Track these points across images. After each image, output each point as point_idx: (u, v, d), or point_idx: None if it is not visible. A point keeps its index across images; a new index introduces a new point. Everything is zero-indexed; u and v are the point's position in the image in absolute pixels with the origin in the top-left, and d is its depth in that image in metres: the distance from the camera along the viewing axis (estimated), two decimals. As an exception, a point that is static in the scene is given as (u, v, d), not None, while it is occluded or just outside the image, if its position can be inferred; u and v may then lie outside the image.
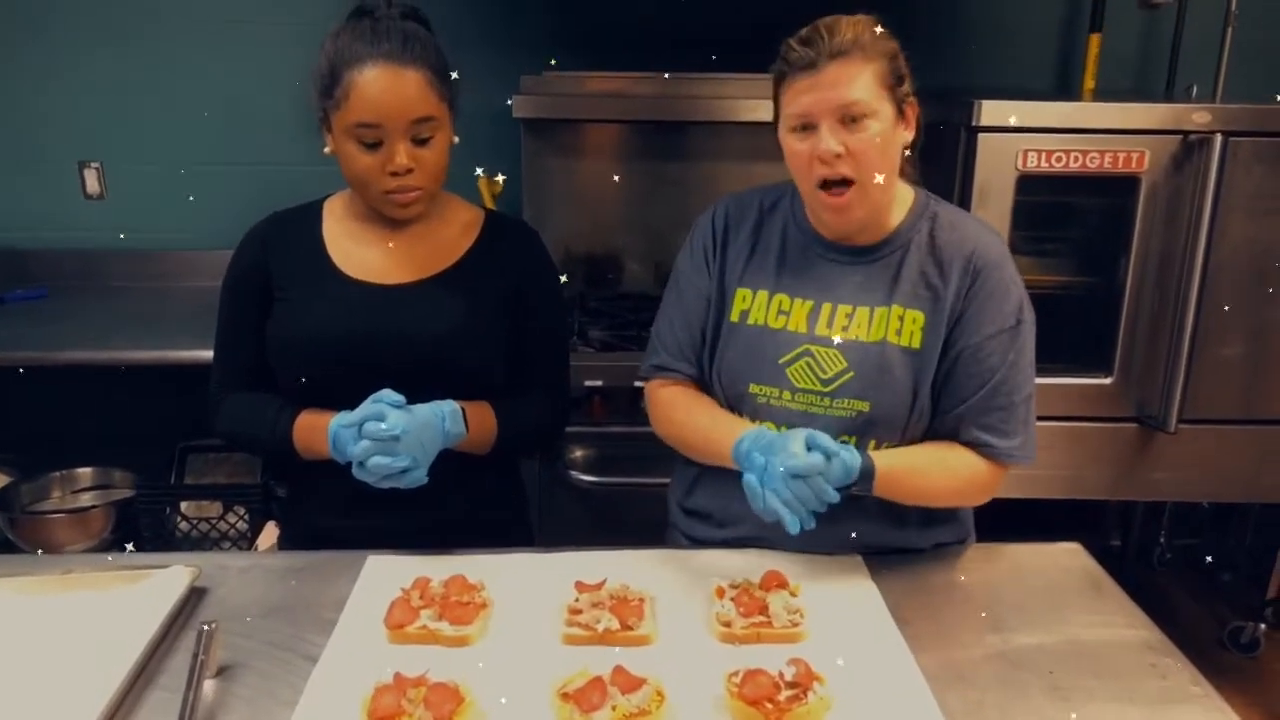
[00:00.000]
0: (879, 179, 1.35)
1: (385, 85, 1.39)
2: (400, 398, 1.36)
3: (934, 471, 1.42)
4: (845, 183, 1.35)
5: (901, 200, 1.46)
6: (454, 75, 1.47)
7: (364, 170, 1.43)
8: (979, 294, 1.40)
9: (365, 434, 1.33)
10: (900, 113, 1.37)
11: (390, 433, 1.32)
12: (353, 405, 1.37)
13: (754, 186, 1.57)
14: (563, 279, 1.63)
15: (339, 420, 1.37)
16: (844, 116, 1.32)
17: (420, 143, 1.43)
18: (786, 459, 1.24)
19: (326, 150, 1.48)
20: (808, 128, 1.34)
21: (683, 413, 1.52)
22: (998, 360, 1.40)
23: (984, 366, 1.40)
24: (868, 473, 1.32)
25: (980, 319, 1.40)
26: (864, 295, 1.44)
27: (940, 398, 1.42)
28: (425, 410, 1.38)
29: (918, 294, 1.42)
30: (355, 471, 1.36)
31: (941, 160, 2.34)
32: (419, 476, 1.36)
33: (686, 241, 1.57)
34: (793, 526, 1.24)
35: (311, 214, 1.58)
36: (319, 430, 1.41)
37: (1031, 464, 1.45)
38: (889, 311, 1.42)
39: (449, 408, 1.41)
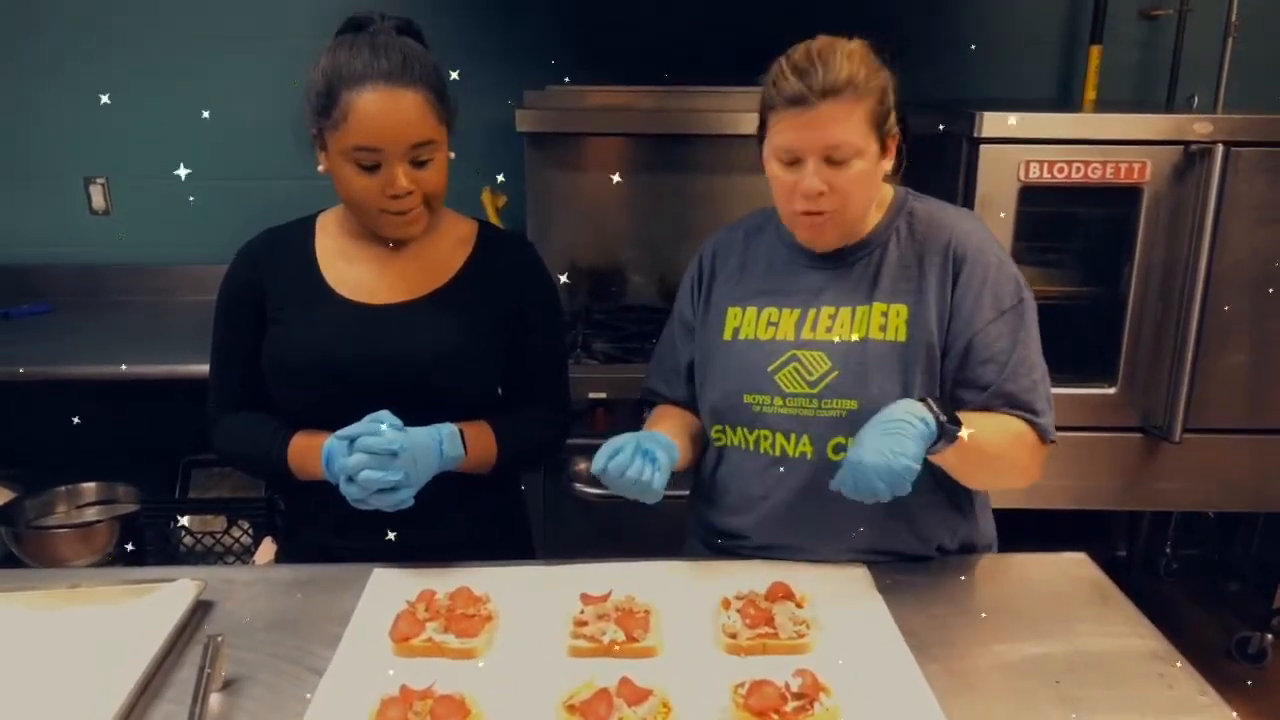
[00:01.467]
0: (858, 208, 1.40)
1: (385, 108, 1.35)
2: (398, 421, 1.34)
3: (998, 434, 1.38)
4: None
5: (879, 201, 1.48)
6: (451, 92, 1.44)
7: (361, 192, 1.40)
8: (970, 283, 1.41)
9: (359, 447, 1.31)
10: (883, 148, 1.38)
11: (388, 447, 1.30)
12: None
13: (741, 218, 1.61)
14: (564, 286, 1.64)
15: (334, 435, 1.35)
16: (830, 157, 1.34)
17: (419, 164, 1.40)
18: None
19: (320, 169, 1.45)
20: (794, 162, 1.36)
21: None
22: (1008, 341, 1.40)
23: (995, 350, 1.40)
24: (952, 414, 1.29)
25: (978, 307, 1.41)
26: (846, 296, 1.46)
27: (963, 394, 1.41)
28: (422, 433, 1.36)
29: (898, 288, 1.44)
30: (343, 487, 1.33)
31: (943, 171, 2.34)
32: (405, 498, 1.34)
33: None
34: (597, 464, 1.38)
35: (304, 230, 1.55)
36: (314, 451, 1.39)
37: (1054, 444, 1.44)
38: (870, 309, 1.44)
39: (447, 430, 1.39)
